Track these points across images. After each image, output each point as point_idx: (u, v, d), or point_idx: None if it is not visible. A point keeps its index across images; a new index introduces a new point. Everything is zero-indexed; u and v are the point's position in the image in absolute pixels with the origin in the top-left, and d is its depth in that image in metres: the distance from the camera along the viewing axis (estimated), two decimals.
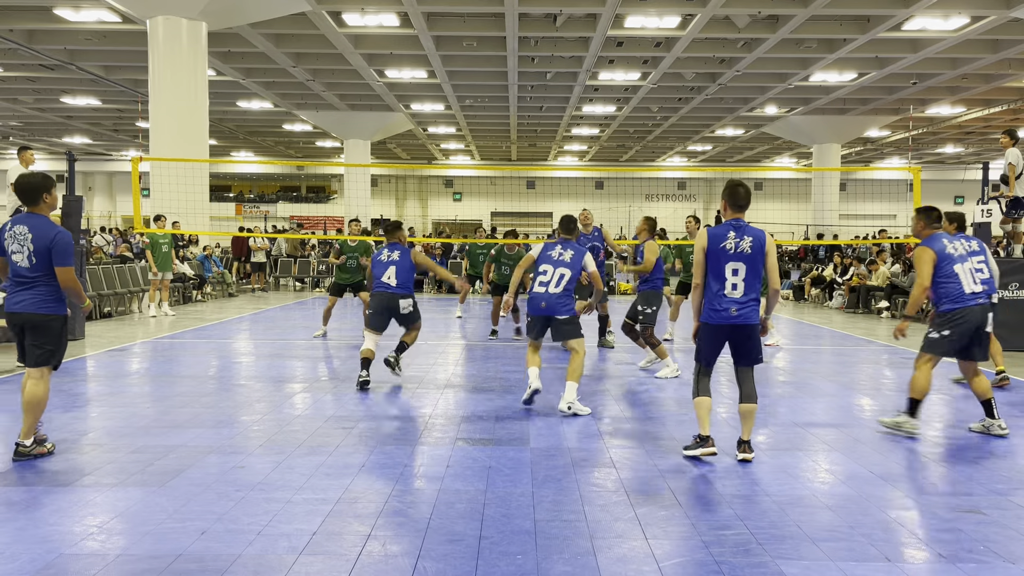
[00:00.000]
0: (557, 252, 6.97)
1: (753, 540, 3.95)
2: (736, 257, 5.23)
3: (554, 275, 6.86)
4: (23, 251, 5.24)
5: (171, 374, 8.58)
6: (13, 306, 5.27)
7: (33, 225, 5.26)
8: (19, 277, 5.29)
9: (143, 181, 16.51)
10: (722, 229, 5.30)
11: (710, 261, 5.28)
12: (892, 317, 15.88)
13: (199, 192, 16.78)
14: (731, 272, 5.23)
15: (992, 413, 6.16)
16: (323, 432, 6.00)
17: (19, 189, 5.38)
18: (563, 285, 6.83)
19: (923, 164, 40.75)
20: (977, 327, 6.03)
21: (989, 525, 4.21)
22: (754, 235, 5.26)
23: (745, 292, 5.23)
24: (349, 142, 30.94)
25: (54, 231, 5.28)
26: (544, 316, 6.86)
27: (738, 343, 5.31)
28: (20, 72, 23.42)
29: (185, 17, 16.17)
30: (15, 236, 5.27)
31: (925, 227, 6.31)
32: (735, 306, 5.22)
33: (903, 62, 20.88)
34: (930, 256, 6.06)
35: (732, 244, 5.23)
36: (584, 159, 43.57)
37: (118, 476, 4.88)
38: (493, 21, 18.36)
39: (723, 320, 5.24)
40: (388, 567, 3.60)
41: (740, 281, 5.23)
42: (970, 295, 5.99)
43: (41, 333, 5.31)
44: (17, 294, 5.28)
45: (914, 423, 6.01)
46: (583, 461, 5.31)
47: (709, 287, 5.30)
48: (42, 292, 5.28)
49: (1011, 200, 11.28)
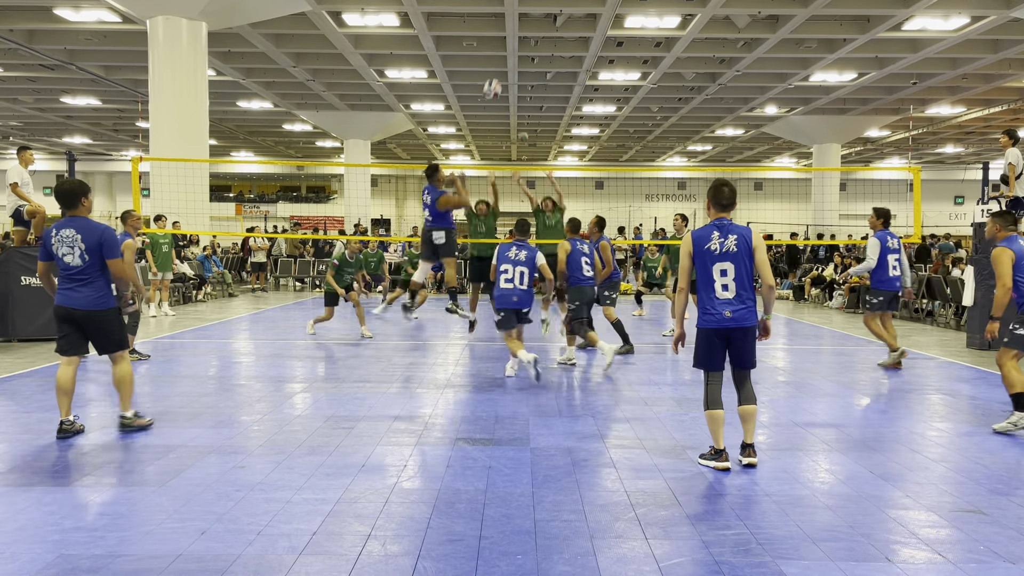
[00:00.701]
0: (513, 252, 8.16)
1: (753, 540, 3.95)
2: (723, 257, 5.11)
3: (515, 273, 8.08)
4: (74, 251, 5.73)
5: (171, 374, 8.58)
6: (71, 302, 5.77)
7: (79, 226, 5.76)
8: (73, 276, 5.76)
9: (143, 181, 16.50)
10: (706, 230, 5.20)
11: (697, 264, 5.19)
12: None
13: (199, 192, 16.78)
14: (719, 273, 5.12)
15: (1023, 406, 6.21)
16: (323, 432, 6.00)
17: (59, 194, 5.83)
18: (526, 281, 8.08)
19: (923, 164, 40.76)
20: None
21: (989, 525, 4.21)
22: (739, 233, 5.13)
23: (737, 293, 5.11)
24: (349, 142, 30.93)
25: (100, 228, 5.83)
26: (516, 309, 8.12)
27: (735, 346, 5.16)
28: (20, 72, 23.41)
29: (185, 17, 16.16)
30: (63, 239, 5.75)
31: (1000, 229, 6.41)
32: (728, 308, 5.09)
33: (903, 62, 20.87)
34: (1009, 256, 6.17)
35: (717, 244, 5.12)
36: (584, 159, 43.56)
37: (118, 476, 4.89)
38: (493, 21, 18.36)
39: (717, 323, 5.11)
40: (388, 567, 3.60)
41: (730, 281, 5.11)
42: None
43: (103, 325, 5.86)
44: (73, 291, 5.77)
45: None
46: (583, 461, 5.31)
47: (700, 293, 5.20)
48: (97, 287, 5.80)
49: (1011, 200, 11.28)
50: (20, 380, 8.13)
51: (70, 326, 5.84)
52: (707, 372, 5.26)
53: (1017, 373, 6.11)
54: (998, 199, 11.53)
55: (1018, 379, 6.10)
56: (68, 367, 5.86)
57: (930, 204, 40.44)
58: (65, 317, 5.82)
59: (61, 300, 5.80)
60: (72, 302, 5.75)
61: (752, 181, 45.17)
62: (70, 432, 5.77)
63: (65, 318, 5.82)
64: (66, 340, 5.87)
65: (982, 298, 10.95)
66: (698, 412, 6.67)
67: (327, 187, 47.47)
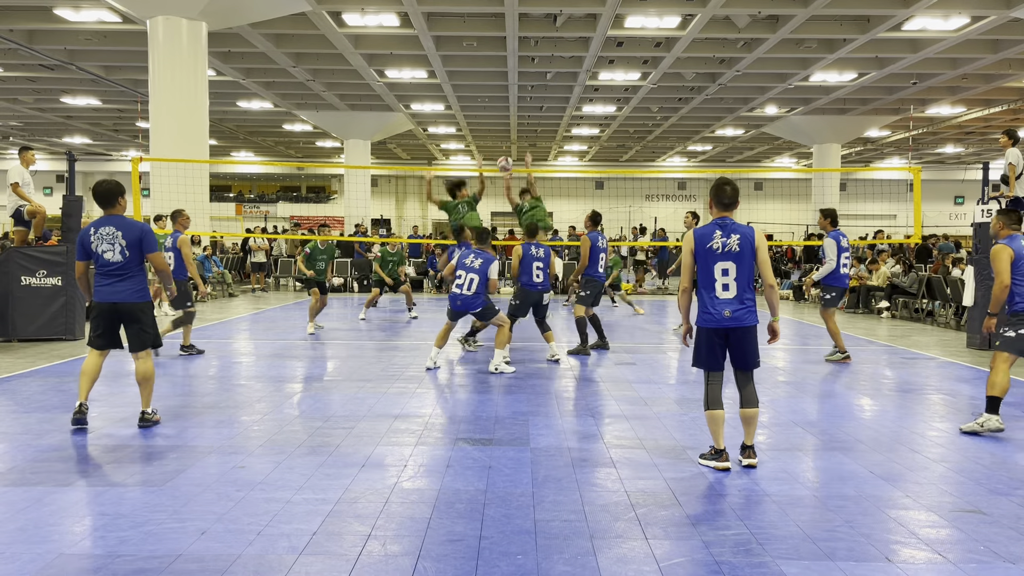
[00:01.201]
0: (470, 260, 8.76)
1: (753, 540, 3.95)
2: (724, 257, 5.09)
3: (467, 279, 8.68)
4: (114, 247, 5.96)
5: (171, 374, 8.58)
6: (111, 296, 5.99)
7: (119, 224, 6.01)
8: (113, 271, 5.98)
9: (143, 181, 16.50)
10: (708, 229, 5.16)
11: (699, 263, 5.16)
12: (892, 317, 15.88)
13: (199, 192, 16.77)
14: (721, 272, 5.09)
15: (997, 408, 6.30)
16: (323, 432, 6.00)
17: (97, 194, 6.05)
18: (474, 288, 8.65)
19: (923, 164, 40.75)
20: None
21: (989, 525, 4.21)
22: (742, 232, 5.10)
23: (738, 292, 5.09)
24: (349, 142, 30.92)
25: (139, 225, 6.09)
26: (461, 311, 8.85)
27: (735, 346, 5.14)
28: (20, 72, 23.42)
29: (185, 17, 16.16)
30: (103, 237, 5.97)
31: (1004, 227, 6.43)
32: (728, 307, 5.08)
33: (903, 62, 20.88)
34: (1008, 254, 6.19)
35: (719, 244, 5.09)
36: (584, 159, 43.56)
37: (118, 476, 4.89)
38: (493, 21, 18.36)
39: (717, 323, 5.09)
40: (388, 567, 3.60)
41: (731, 281, 5.08)
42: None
43: (140, 319, 6.07)
44: (112, 286, 5.98)
45: (998, 420, 6.12)
46: (583, 461, 5.31)
47: (701, 292, 5.18)
48: (137, 282, 6.04)
49: (1011, 200, 11.29)
50: (20, 380, 8.13)
51: (109, 321, 6.06)
52: (707, 372, 5.24)
53: (1003, 377, 6.10)
54: (998, 199, 11.54)
55: (1000, 383, 6.10)
56: (98, 358, 6.16)
57: (930, 204, 40.46)
58: (107, 312, 6.02)
59: (102, 296, 6.01)
60: (114, 296, 5.98)
61: (752, 181, 45.17)
62: (84, 415, 5.99)
63: (106, 313, 6.03)
64: (101, 336, 6.11)
65: (982, 298, 10.95)
66: (698, 412, 6.67)
67: (327, 187, 47.48)
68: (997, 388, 6.12)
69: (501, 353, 8.77)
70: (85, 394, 6.06)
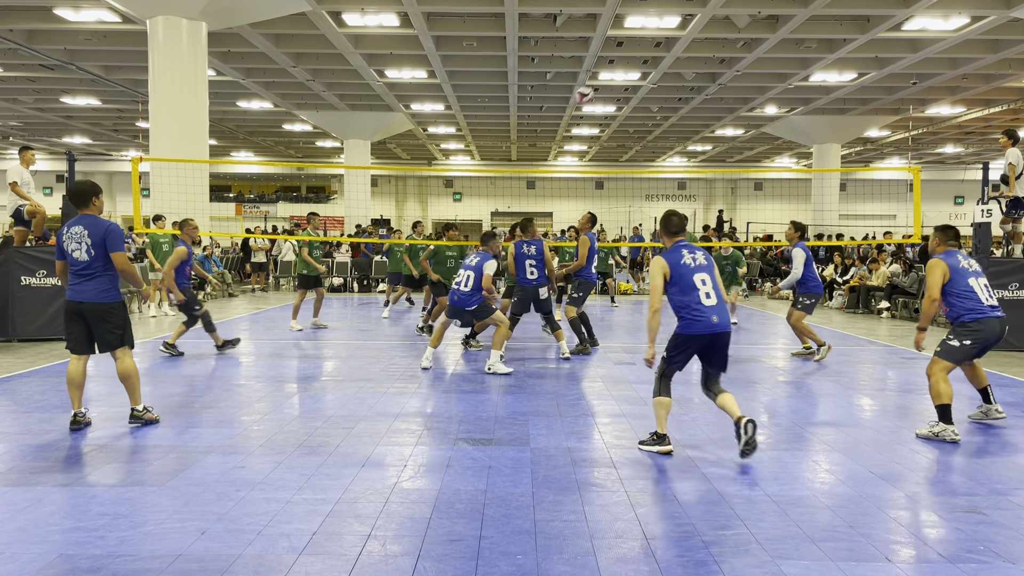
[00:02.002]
0: (470, 258, 8.90)
1: (753, 540, 3.95)
2: (699, 269, 5.43)
3: (464, 276, 8.78)
4: (82, 246, 5.96)
5: (171, 374, 8.58)
6: (78, 296, 5.99)
7: (87, 223, 6.01)
8: (81, 271, 5.98)
9: (143, 181, 16.50)
10: (674, 251, 5.52)
11: (676, 278, 5.41)
12: (892, 317, 15.88)
13: (199, 192, 16.77)
14: (700, 282, 5.39)
15: (989, 399, 6.51)
16: (323, 432, 6.00)
17: (72, 194, 6.10)
18: (470, 285, 8.70)
19: (923, 164, 40.77)
20: (997, 338, 6.17)
21: (989, 525, 4.21)
22: (701, 250, 5.57)
23: (718, 300, 5.40)
24: (349, 142, 30.92)
25: (105, 224, 6.05)
26: (458, 308, 8.82)
27: (716, 350, 5.41)
28: (20, 72, 23.42)
29: (185, 17, 16.16)
30: (72, 236, 5.99)
31: (940, 244, 6.48)
32: (715, 314, 5.35)
33: (903, 62, 20.88)
34: (942, 270, 6.20)
35: (691, 260, 5.46)
36: (584, 159, 43.56)
37: (118, 476, 4.89)
38: (493, 21, 18.36)
39: (705, 329, 5.33)
40: (388, 567, 3.60)
41: (711, 290, 5.39)
42: (988, 307, 6.15)
43: (107, 319, 6.03)
44: (80, 286, 5.99)
45: (953, 431, 5.99)
46: (583, 461, 5.31)
47: (683, 302, 5.39)
48: (103, 282, 6.00)
49: (1011, 200, 11.29)
50: (20, 380, 8.13)
51: (78, 323, 6.04)
52: (669, 368, 5.52)
53: (945, 384, 6.05)
54: (998, 199, 11.53)
55: (945, 391, 6.04)
56: (78, 362, 6.11)
57: (930, 204, 40.46)
58: (74, 311, 6.02)
59: (70, 295, 6.03)
60: (80, 296, 5.98)
61: (752, 181, 45.17)
62: (82, 423, 6.02)
63: (74, 312, 6.02)
64: (74, 338, 6.08)
65: None
66: (698, 412, 6.68)
67: (327, 187, 47.48)
68: (944, 396, 6.03)
69: (497, 353, 8.79)
70: (78, 402, 6.07)
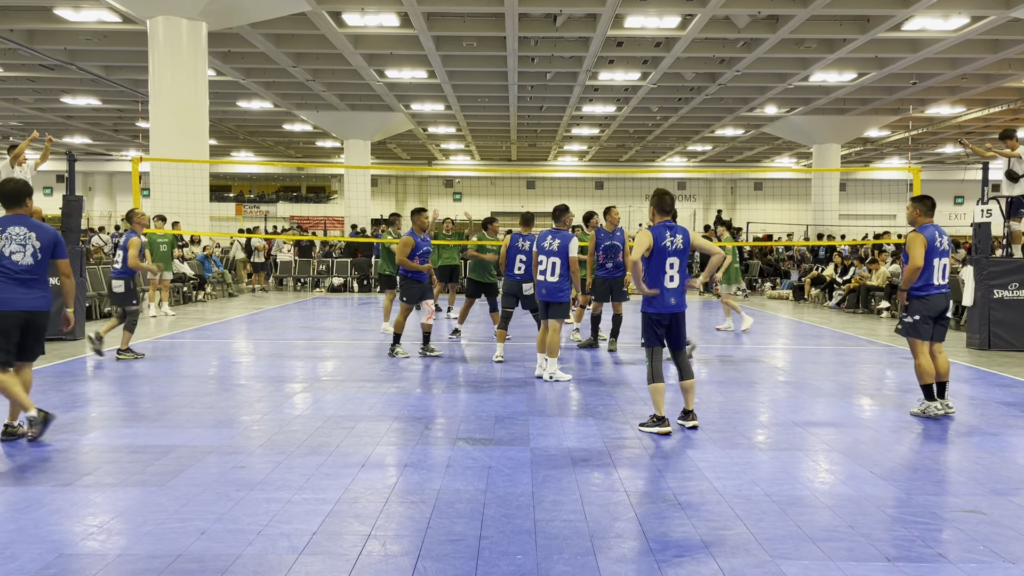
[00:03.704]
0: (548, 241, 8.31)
1: (753, 540, 3.95)
2: (673, 253, 6.03)
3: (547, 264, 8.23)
4: (26, 249, 5.50)
5: (171, 374, 8.58)
6: (22, 304, 5.46)
7: (32, 225, 5.56)
8: (19, 275, 5.49)
9: (143, 181, 16.50)
10: (660, 230, 6.06)
11: (655, 255, 6.00)
12: (892, 317, 15.88)
13: (199, 192, 16.79)
14: (669, 266, 6.02)
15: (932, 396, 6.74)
16: (323, 432, 6.00)
17: (4, 192, 5.67)
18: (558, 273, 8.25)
19: (923, 164, 40.76)
20: (942, 312, 6.77)
21: (989, 525, 4.21)
22: (682, 232, 6.10)
23: (679, 283, 6.05)
24: (349, 142, 30.93)
25: (52, 229, 5.68)
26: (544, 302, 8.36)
27: (674, 328, 6.10)
28: (20, 72, 23.43)
29: (185, 17, 16.17)
30: (12, 237, 5.49)
31: (920, 215, 6.84)
32: (673, 296, 6.03)
33: (903, 62, 20.88)
34: (922, 241, 6.62)
35: (669, 242, 6.03)
36: (584, 159, 43.56)
37: (118, 476, 4.89)
38: (493, 21, 18.37)
39: (665, 309, 6.04)
40: (388, 567, 3.60)
41: (676, 273, 6.04)
42: (938, 286, 6.70)
43: (43, 329, 5.64)
44: (18, 291, 5.48)
45: (936, 406, 6.58)
46: (583, 461, 5.31)
47: (650, 280, 6.00)
48: (46, 288, 5.62)
49: (1011, 200, 11.29)
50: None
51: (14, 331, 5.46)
52: (652, 348, 6.11)
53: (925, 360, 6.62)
54: (998, 199, 11.53)
55: (926, 368, 6.62)
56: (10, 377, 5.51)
57: None
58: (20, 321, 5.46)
59: (10, 304, 5.42)
60: (30, 304, 5.48)
61: (752, 181, 45.15)
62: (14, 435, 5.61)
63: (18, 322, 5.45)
64: (7, 352, 5.48)
65: (982, 298, 10.96)
66: (698, 412, 6.67)
67: (327, 187, 47.48)
68: (926, 376, 6.62)
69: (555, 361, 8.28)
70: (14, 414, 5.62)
